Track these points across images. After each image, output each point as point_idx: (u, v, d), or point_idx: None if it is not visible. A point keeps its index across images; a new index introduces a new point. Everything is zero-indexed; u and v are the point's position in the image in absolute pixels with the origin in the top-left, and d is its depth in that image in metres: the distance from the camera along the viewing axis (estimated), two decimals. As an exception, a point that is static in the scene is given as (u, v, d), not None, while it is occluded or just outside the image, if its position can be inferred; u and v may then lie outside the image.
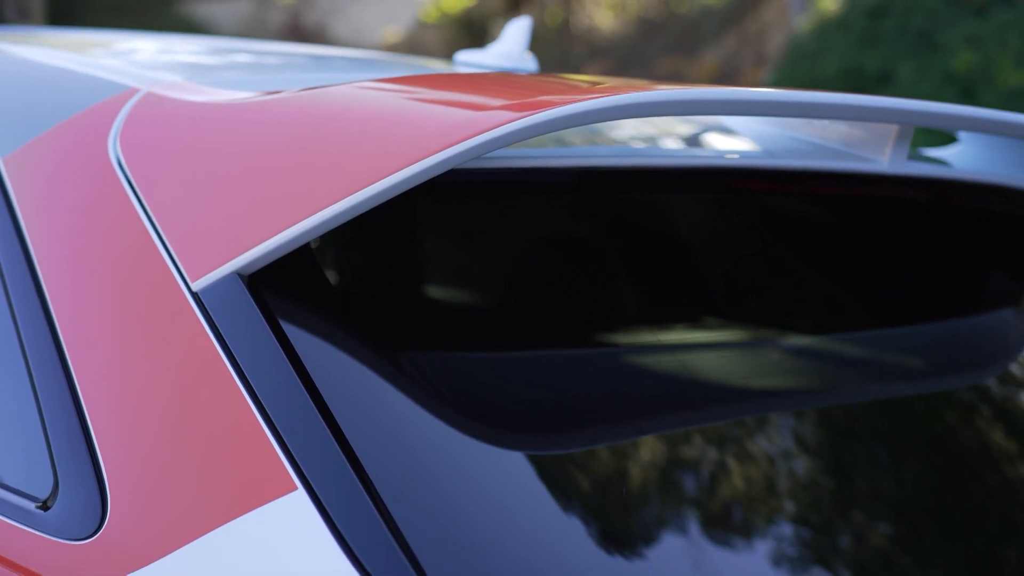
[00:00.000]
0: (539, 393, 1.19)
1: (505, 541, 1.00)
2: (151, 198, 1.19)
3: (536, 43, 11.94)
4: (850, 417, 1.41)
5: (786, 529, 1.18)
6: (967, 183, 1.69)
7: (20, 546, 1.06)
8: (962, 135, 1.78)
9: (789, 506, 1.20)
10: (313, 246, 1.18)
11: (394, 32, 14.61)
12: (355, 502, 0.97)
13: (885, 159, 1.38)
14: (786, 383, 1.40)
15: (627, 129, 1.49)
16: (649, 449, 1.18)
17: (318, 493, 0.97)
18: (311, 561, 0.95)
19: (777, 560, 1.13)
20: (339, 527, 0.96)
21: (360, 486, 0.97)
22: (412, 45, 13.55)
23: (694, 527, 1.13)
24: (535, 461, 1.10)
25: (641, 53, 10.20)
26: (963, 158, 1.75)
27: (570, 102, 1.00)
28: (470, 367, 1.19)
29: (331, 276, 1.21)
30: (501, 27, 12.28)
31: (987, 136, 1.73)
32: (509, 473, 1.08)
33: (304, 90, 1.25)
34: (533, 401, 1.18)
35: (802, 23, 8.07)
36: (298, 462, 0.99)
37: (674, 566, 1.07)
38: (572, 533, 1.05)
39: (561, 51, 11.20)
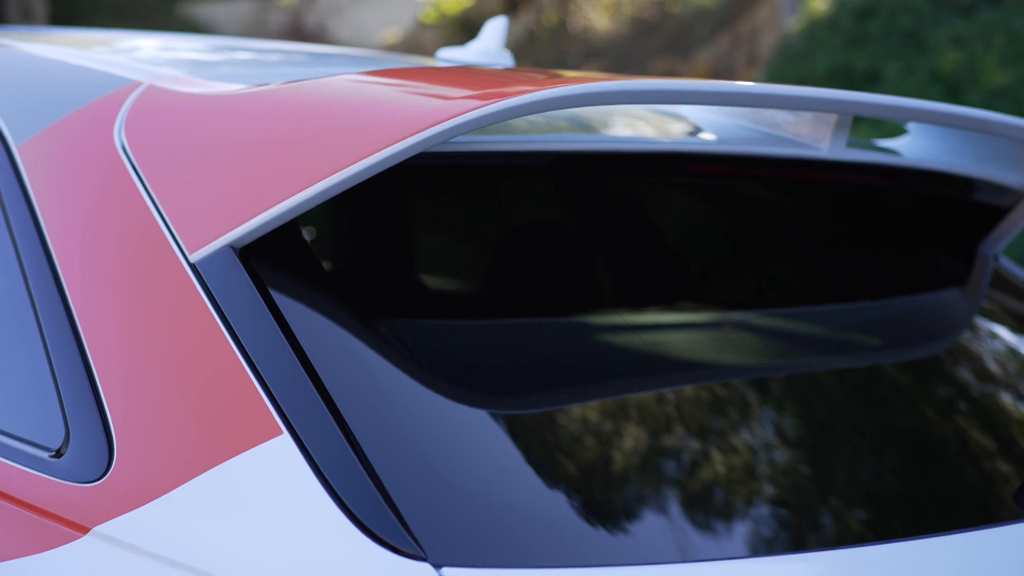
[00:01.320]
0: (502, 358, 1.31)
1: (468, 482, 1.13)
2: (153, 180, 1.31)
3: (533, 44, 12.07)
4: (797, 385, 1.53)
5: (734, 476, 1.30)
6: (912, 169, 1.81)
7: (38, 490, 1.19)
8: (911, 126, 1.91)
9: (736, 459, 1.32)
10: (298, 222, 1.30)
11: (393, 33, 14.73)
12: (333, 444, 1.09)
13: (825, 146, 1.51)
14: (735, 351, 1.53)
15: (597, 116, 1.61)
16: (603, 409, 1.31)
17: (300, 436, 1.10)
18: (295, 496, 1.08)
19: (723, 504, 1.26)
20: (319, 466, 1.08)
21: (338, 430, 1.10)
22: (411, 46, 13.67)
23: (646, 476, 1.25)
24: (498, 416, 1.23)
25: (636, 53, 10.34)
26: (912, 147, 1.87)
27: (521, 93, 1.13)
28: (440, 331, 1.31)
29: (315, 248, 1.34)
30: (498, 28, 12.39)
31: (934, 127, 1.85)
32: (473, 424, 1.20)
33: (289, 82, 1.37)
34: (497, 364, 1.30)
35: (793, 24, 8.19)
36: (283, 409, 1.11)
37: (620, 504, 1.19)
38: (530, 476, 1.18)
39: (558, 52, 11.33)
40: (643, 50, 10.25)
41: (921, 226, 1.93)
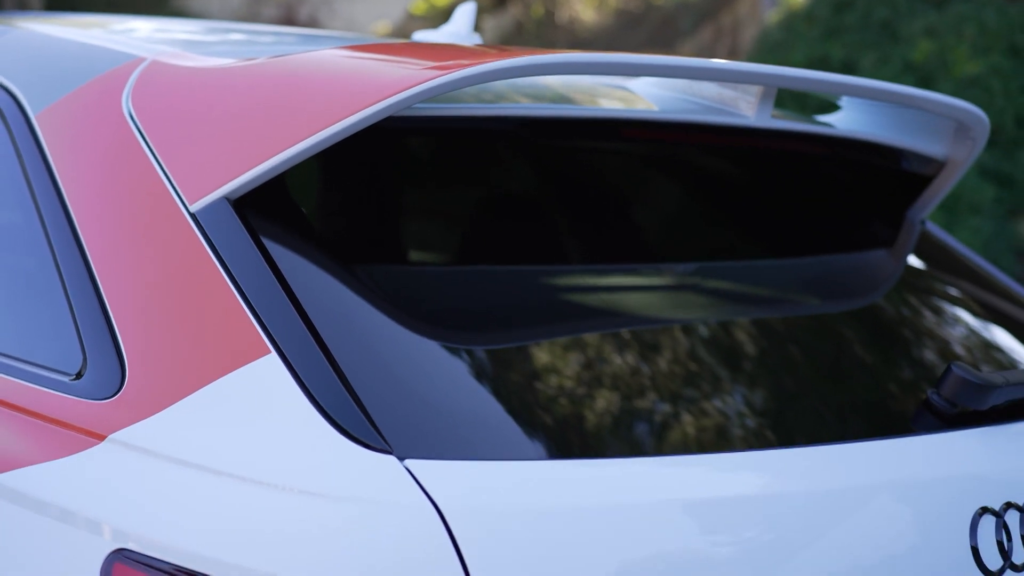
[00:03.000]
0: (460, 295, 1.51)
1: (429, 392, 1.32)
2: (157, 142, 1.50)
3: (520, 35, 12.26)
4: (728, 326, 1.72)
5: (661, 393, 1.49)
6: (844, 140, 2.00)
7: (61, 407, 1.38)
8: (844, 101, 2.10)
9: (664, 380, 1.51)
10: (284, 178, 1.49)
11: (384, 26, 14.91)
12: (313, 361, 1.28)
13: (752, 114, 1.70)
14: (673, 297, 1.72)
15: (557, 87, 1.80)
16: (545, 338, 1.50)
17: (285, 354, 1.29)
18: (281, 404, 1.27)
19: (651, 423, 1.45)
20: (302, 379, 1.27)
21: (317, 349, 1.29)
22: (402, 38, 13.81)
23: (579, 390, 1.45)
24: (454, 341, 1.42)
25: (621, 45, 10.52)
26: (846, 121, 2.07)
27: (465, 67, 1.32)
28: (406, 271, 1.51)
29: (299, 200, 1.53)
30: (487, 20, 12.55)
31: (866, 101, 2.04)
32: (434, 346, 1.39)
33: (275, 57, 1.57)
34: (456, 301, 1.50)
35: (772, 16, 8.38)
36: (270, 332, 1.30)
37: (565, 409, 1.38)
38: (480, 389, 1.37)
39: (545, 43, 11.52)
40: (628, 42, 10.45)
41: (855, 193, 2.12)
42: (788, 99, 2.09)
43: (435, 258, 1.59)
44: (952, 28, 7.36)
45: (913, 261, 2.09)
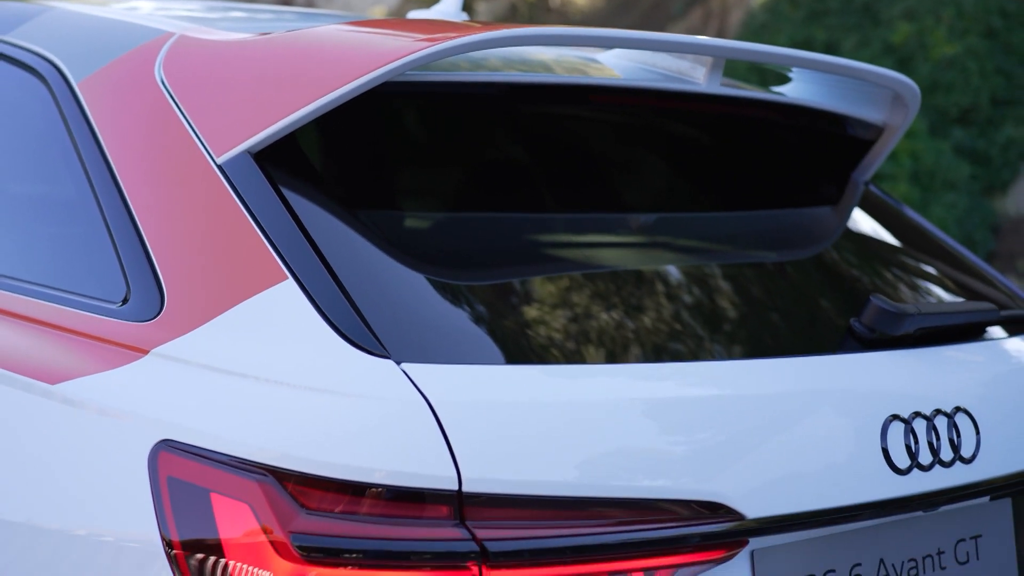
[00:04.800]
0: (448, 232, 1.76)
1: (422, 307, 1.57)
2: (187, 104, 1.74)
3: (514, 18, 12.48)
4: (685, 269, 1.97)
5: (631, 315, 1.74)
6: (796, 107, 2.25)
7: (110, 329, 1.62)
8: (794, 74, 2.35)
9: (634, 307, 1.76)
10: (296, 135, 1.73)
11: (380, 12, 15.11)
12: (323, 284, 1.53)
13: (703, 82, 1.95)
14: (636, 245, 1.97)
15: (534, 57, 2.05)
16: (523, 267, 1.76)
17: (300, 279, 1.53)
18: (297, 320, 1.51)
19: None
20: (315, 299, 1.51)
21: (327, 273, 1.53)
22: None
23: (555, 308, 1.69)
24: (443, 266, 1.66)
25: (615, 28, 10.74)
26: (795, 90, 2.31)
27: (451, 39, 1.57)
28: (404, 214, 1.76)
29: (309, 153, 1.77)
30: (483, 6, 12.75)
31: (816, 73, 2.29)
32: (427, 269, 1.63)
33: (286, 32, 1.81)
34: (444, 237, 1.75)
35: (758, -1, 8.61)
36: (287, 261, 1.54)
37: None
38: (468, 305, 1.62)
39: (538, 26, 11.72)
40: (619, 24, 10.69)
41: (805, 156, 2.37)
42: (768, 74, 2.36)
43: (425, 203, 1.85)
44: (930, 11, 7.60)
45: (857, 216, 2.34)
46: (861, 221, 2.34)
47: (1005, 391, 1.91)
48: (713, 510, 1.53)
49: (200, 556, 1.42)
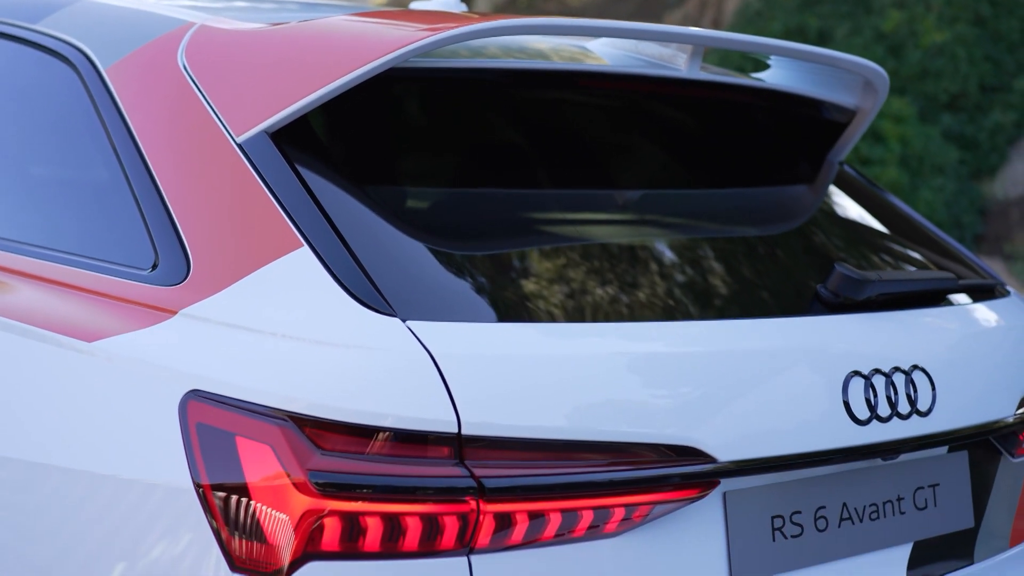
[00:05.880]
0: (446, 201, 1.93)
1: (426, 271, 1.73)
2: (208, 88, 1.90)
3: (512, 9, 12.63)
4: (672, 242, 2.13)
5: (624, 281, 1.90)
6: (771, 92, 2.41)
7: (141, 293, 1.78)
8: (774, 60, 2.51)
9: (624, 274, 1.92)
10: (308, 117, 1.89)
11: (380, 1, 15.24)
12: (336, 250, 1.68)
13: (684, 68, 2.11)
14: (623, 220, 2.13)
15: (529, 45, 2.20)
16: (517, 235, 1.92)
17: (315, 247, 1.69)
18: (311, 283, 1.67)
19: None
20: (328, 264, 1.67)
21: (338, 241, 1.69)
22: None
23: (548, 273, 1.85)
24: (444, 233, 1.82)
25: (610, 17, 10.89)
26: (775, 77, 2.47)
27: (451, 29, 1.73)
28: (407, 189, 1.92)
29: (321, 133, 1.93)
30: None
31: (791, 61, 2.45)
32: (430, 236, 1.79)
33: (300, 22, 1.97)
34: (443, 206, 1.91)
35: (753, -13, 8.74)
36: (302, 230, 1.70)
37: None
38: (467, 270, 1.78)
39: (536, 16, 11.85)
40: (616, 14, 10.84)
41: (784, 137, 2.53)
42: (760, 62, 2.52)
43: (427, 179, 2.01)
44: (921, -1, 7.75)
45: (831, 193, 2.50)
46: (835, 198, 2.50)
47: (961, 352, 2.08)
48: (688, 454, 1.70)
49: (227, 494, 1.58)
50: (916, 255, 2.38)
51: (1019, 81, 7.69)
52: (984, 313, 2.21)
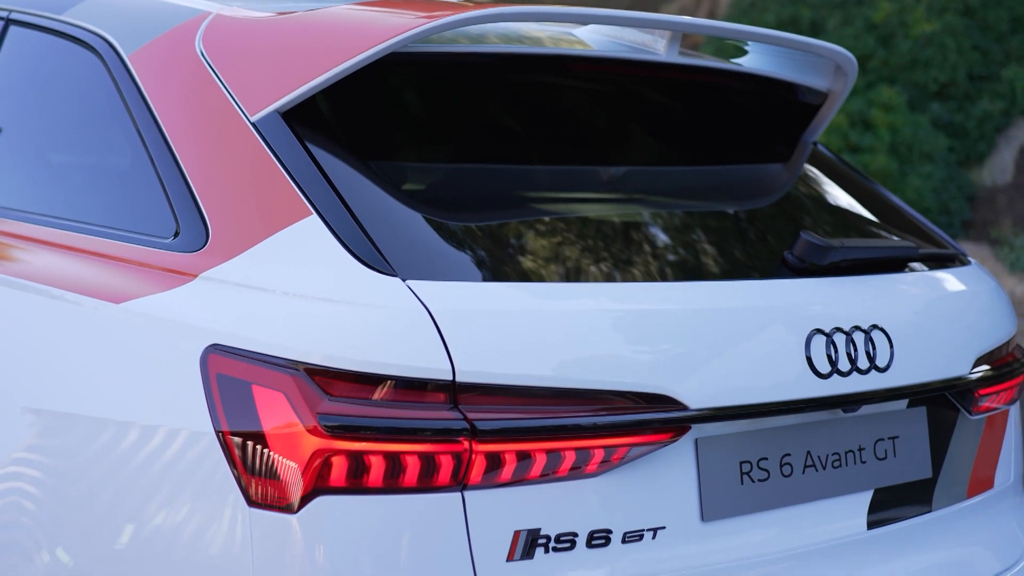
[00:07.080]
0: (445, 173, 2.10)
1: (425, 235, 1.90)
2: (224, 73, 2.07)
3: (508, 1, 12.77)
4: (655, 216, 2.29)
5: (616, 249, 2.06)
6: (746, 74, 2.57)
7: (164, 259, 1.95)
8: (752, 46, 2.67)
9: (616, 241, 2.09)
10: (316, 98, 2.05)
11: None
12: (342, 217, 1.85)
13: (663, 52, 2.28)
14: (608, 195, 2.30)
15: (522, 31, 2.37)
16: (512, 200, 2.09)
17: (323, 214, 1.86)
18: (319, 247, 1.84)
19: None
20: (335, 230, 1.84)
21: (344, 209, 1.86)
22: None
23: (544, 236, 2.02)
24: (442, 202, 1.99)
25: (600, 7, 11.04)
26: (752, 62, 2.64)
27: (447, 16, 1.90)
28: (410, 162, 2.10)
29: (328, 113, 2.10)
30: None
31: (768, 47, 2.61)
32: (428, 204, 1.96)
33: (307, 11, 2.14)
34: (441, 177, 2.09)
35: (747, -21, 8.89)
36: (311, 200, 1.87)
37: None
38: (465, 235, 1.95)
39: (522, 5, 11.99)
40: (613, 6, 11.00)
41: (760, 118, 2.69)
42: (747, 49, 2.69)
43: (426, 153, 2.18)
44: (910, -10, 7.89)
45: (804, 171, 2.66)
46: (808, 174, 2.66)
47: (919, 313, 2.25)
48: (662, 401, 1.87)
49: (244, 437, 1.76)
50: (882, 227, 2.54)
51: (1007, 70, 7.85)
52: (943, 279, 2.38)
